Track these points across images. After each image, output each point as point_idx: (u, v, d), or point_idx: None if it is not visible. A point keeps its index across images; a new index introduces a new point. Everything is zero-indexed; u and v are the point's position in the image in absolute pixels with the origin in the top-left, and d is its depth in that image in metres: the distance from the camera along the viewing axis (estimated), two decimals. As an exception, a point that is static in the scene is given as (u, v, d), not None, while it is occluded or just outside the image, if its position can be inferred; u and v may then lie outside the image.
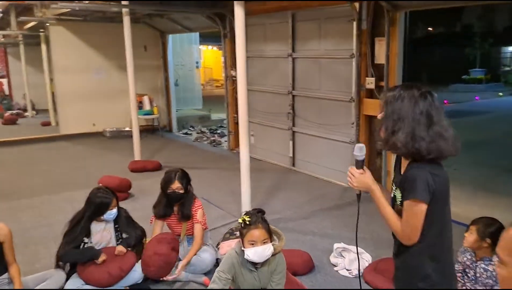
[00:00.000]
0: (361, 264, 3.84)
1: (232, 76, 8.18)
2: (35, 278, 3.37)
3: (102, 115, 9.96)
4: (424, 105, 1.87)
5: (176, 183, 3.73)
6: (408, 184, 1.87)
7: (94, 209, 3.47)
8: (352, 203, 5.51)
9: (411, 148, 1.85)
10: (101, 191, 3.57)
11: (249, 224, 2.80)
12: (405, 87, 1.93)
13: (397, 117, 1.88)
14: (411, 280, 1.96)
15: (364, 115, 5.79)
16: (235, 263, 2.90)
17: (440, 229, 1.93)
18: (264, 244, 2.80)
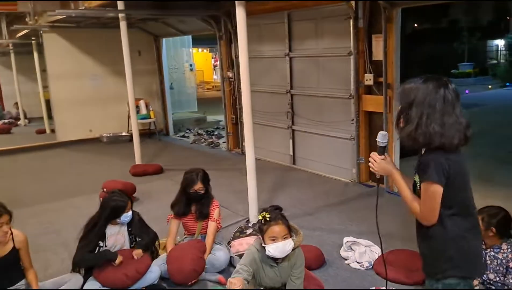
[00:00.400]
0: (371, 257, 3.93)
1: (228, 77, 8.24)
2: (53, 283, 3.40)
3: (99, 120, 9.96)
4: (440, 97, 1.93)
5: (199, 184, 3.79)
6: (423, 167, 1.96)
7: (110, 213, 3.51)
8: (354, 198, 5.60)
9: (425, 140, 1.93)
10: (116, 194, 3.61)
11: (269, 221, 2.86)
12: (423, 78, 1.99)
13: (414, 108, 1.96)
14: (436, 262, 2.04)
15: (364, 111, 5.88)
16: (256, 259, 2.95)
17: (460, 212, 2.01)
18: (285, 239, 2.86)
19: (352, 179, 6.13)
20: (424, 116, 1.93)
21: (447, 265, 2.01)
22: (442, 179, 1.92)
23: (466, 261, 2.01)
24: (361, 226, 4.75)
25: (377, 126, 5.82)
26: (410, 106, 1.97)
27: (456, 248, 2.00)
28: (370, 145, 5.98)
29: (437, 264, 2.04)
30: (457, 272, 2.01)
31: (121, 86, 9.91)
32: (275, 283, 3.04)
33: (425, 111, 1.93)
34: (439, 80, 1.97)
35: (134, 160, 7.54)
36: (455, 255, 2.00)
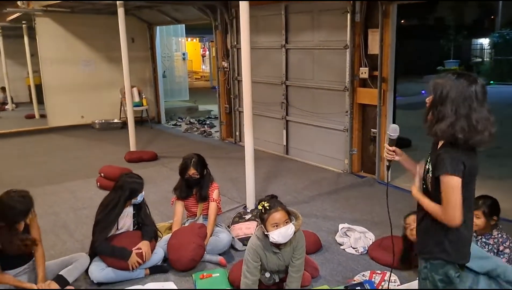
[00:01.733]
0: (365, 242, 4.09)
1: (223, 67, 8.31)
2: (60, 262, 3.47)
3: (91, 107, 9.94)
4: (472, 93, 1.99)
5: (192, 169, 3.94)
6: (440, 160, 2.03)
7: (129, 193, 3.61)
8: (347, 187, 5.77)
9: (451, 137, 2.00)
10: (132, 175, 3.74)
11: (269, 209, 2.97)
12: (455, 75, 2.04)
13: (448, 104, 2.00)
14: (427, 243, 2.19)
15: (358, 103, 6.04)
16: (258, 250, 3.08)
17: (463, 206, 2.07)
18: (286, 224, 2.98)
19: (345, 170, 6.31)
20: (461, 113, 1.98)
21: (437, 248, 2.15)
22: (460, 171, 1.99)
23: (455, 248, 2.13)
24: (354, 214, 4.93)
25: (370, 119, 5.99)
26: (443, 102, 2.01)
27: (448, 236, 2.12)
28: (363, 137, 6.15)
29: (427, 245, 2.18)
30: (445, 256, 2.14)
31: (114, 73, 9.95)
32: (280, 267, 3.18)
33: (462, 109, 1.98)
34: (470, 76, 2.03)
35: (127, 147, 7.59)
36: (445, 241, 2.13)
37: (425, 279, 2.23)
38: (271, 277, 3.24)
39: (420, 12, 23.86)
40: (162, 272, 3.69)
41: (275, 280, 3.27)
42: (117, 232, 3.68)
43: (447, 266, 2.16)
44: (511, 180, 5.81)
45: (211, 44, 20.68)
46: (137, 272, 3.60)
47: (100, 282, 3.50)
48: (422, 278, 2.25)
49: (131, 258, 3.51)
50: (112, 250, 3.51)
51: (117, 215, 3.58)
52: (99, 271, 3.48)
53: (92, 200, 5.32)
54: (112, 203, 3.57)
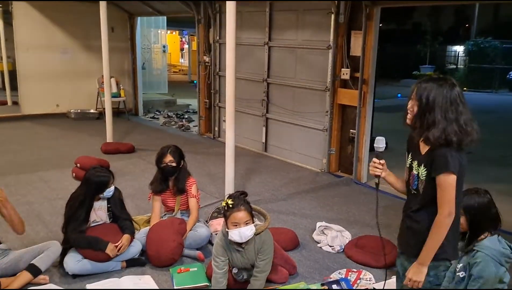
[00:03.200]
0: (342, 241, 4.15)
1: (204, 62, 8.26)
2: (31, 250, 3.39)
3: (66, 96, 9.74)
4: (456, 96, 2.06)
5: (169, 156, 3.91)
6: (439, 159, 2.07)
7: (94, 188, 3.53)
8: (324, 187, 5.83)
9: (444, 141, 2.05)
10: (99, 170, 3.63)
11: (232, 207, 2.97)
12: (436, 81, 2.10)
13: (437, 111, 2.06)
14: (421, 244, 2.18)
15: (338, 104, 6.11)
16: (224, 246, 3.11)
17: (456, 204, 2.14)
18: (246, 225, 2.98)
19: (322, 169, 6.37)
20: (451, 118, 2.05)
21: (439, 249, 2.16)
22: (457, 169, 2.06)
23: (452, 246, 2.20)
24: (331, 212, 4.99)
25: (349, 119, 6.07)
26: (432, 109, 2.06)
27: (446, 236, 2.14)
28: (341, 137, 6.22)
29: (421, 246, 2.19)
30: (445, 256, 2.19)
31: (91, 62, 9.77)
32: (244, 265, 3.19)
33: (451, 113, 2.05)
34: (448, 80, 2.10)
35: (103, 138, 7.48)
36: (444, 241, 2.15)
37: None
38: (240, 273, 3.24)
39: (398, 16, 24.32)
40: (139, 265, 3.66)
41: (244, 276, 3.26)
42: (93, 225, 3.62)
43: (439, 267, 2.21)
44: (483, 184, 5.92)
45: (191, 38, 20.52)
46: (114, 264, 3.56)
47: (75, 274, 3.44)
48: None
49: (108, 247, 3.45)
50: (88, 241, 3.45)
51: (86, 211, 3.52)
52: (74, 263, 3.42)
53: (67, 190, 5.15)
54: (79, 198, 3.51)
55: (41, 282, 3.31)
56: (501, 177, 6.44)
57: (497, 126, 10.71)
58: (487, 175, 6.44)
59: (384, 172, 2.34)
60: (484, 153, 7.54)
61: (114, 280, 3.41)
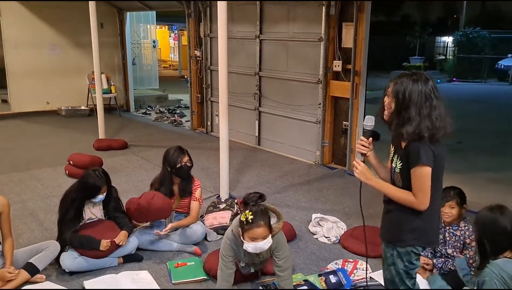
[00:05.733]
0: (337, 232, 4.19)
1: (196, 56, 8.23)
2: (29, 250, 3.38)
3: (57, 93, 9.65)
4: (429, 92, 2.14)
5: (186, 156, 3.86)
6: (413, 153, 2.17)
7: (86, 189, 3.50)
8: (318, 179, 5.86)
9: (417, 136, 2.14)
10: (96, 173, 3.56)
11: (252, 223, 2.77)
12: (410, 78, 2.17)
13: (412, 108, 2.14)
14: (400, 233, 2.30)
15: (330, 96, 6.12)
16: (232, 245, 2.99)
17: (433, 194, 2.22)
18: (264, 239, 2.83)
19: (316, 161, 6.40)
20: (424, 113, 2.13)
21: (411, 235, 2.28)
22: (431, 162, 2.15)
23: (425, 234, 2.28)
24: (326, 204, 5.02)
25: (342, 111, 6.09)
26: (407, 107, 2.15)
27: (419, 223, 2.26)
28: (334, 129, 6.25)
29: (400, 234, 2.30)
30: (416, 242, 2.29)
31: (81, 58, 9.69)
32: (254, 261, 3.15)
33: (424, 109, 2.13)
34: (422, 76, 2.17)
35: (95, 135, 7.44)
36: (418, 229, 2.26)
37: (390, 265, 2.37)
38: (246, 266, 3.26)
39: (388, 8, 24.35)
40: (136, 261, 3.66)
41: (251, 270, 3.28)
42: (88, 221, 3.61)
43: (411, 254, 2.30)
44: (473, 174, 6.05)
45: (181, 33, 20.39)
46: (110, 260, 3.56)
47: (72, 271, 3.43)
48: (388, 264, 2.38)
49: (102, 244, 3.43)
50: (80, 242, 3.43)
51: (77, 211, 3.50)
52: (71, 260, 3.41)
53: (60, 188, 5.17)
54: (71, 197, 3.50)
55: (38, 281, 3.29)
56: (491, 166, 6.51)
57: (487, 115, 10.82)
58: (477, 164, 6.52)
59: (370, 152, 2.39)
60: (473, 142, 7.63)
61: (112, 276, 3.41)
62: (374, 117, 2.36)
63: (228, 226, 4.10)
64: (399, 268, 2.33)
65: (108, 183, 3.62)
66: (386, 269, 2.42)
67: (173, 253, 3.82)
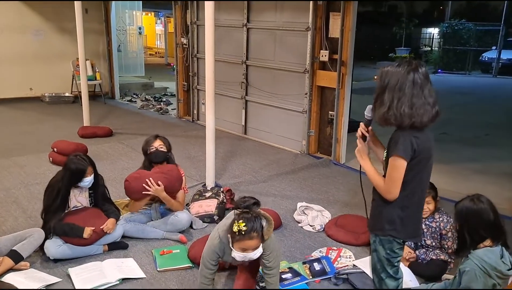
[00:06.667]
0: (322, 220, 4.23)
1: (182, 44, 8.16)
2: (13, 237, 3.34)
3: (40, 79, 9.48)
4: (409, 80, 2.15)
5: (158, 141, 3.85)
6: (393, 143, 2.21)
7: (71, 175, 3.46)
8: (304, 168, 5.89)
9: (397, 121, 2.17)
10: (77, 157, 3.52)
11: (244, 235, 2.57)
12: (397, 63, 2.20)
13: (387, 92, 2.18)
14: (380, 222, 2.34)
15: (317, 86, 6.14)
16: (217, 251, 2.77)
17: (415, 186, 2.27)
18: (255, 250, 2.65)
19: (302, 151, 6.43)
20: (395, 99, 2.15)
21: (388, 226, 2.31)
22: (408, 155, 2.16)
23: (404, 227, 2.31)
24: (311, 193, 5.06)
25: (328, 101, 6.12)
26: (384, 91, 2.19)
27: (400, 215, 2.29)
28: (320, 119, 6.28)
29: (380, 223, 2.34)
30: (395, 233, 2.32)
31: (65, 44, 9.54)
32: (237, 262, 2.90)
33: (396, 95, 2.15)
34: (410, 65, 2.17)
35: (80, 122, 7.36)
36: (397, 220, 2.29)
37: (373, 251, 2.43)
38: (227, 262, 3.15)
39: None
40: (121, 248, 3.65)
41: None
42: (73, 209, 3.59)
43: (393, 243, 2.35)
44: (456, 164, 6.15)
45: (167, 20, 20.16)
46: (95, 248, 3.55)
47: (57, 259, 3.42)
48: (372, 250, 2.45)
49: (85, 231, 3.42)
50: (63, 230, 3.41)
51: (62, 199, 3.47)
52: (55, 248, 3.39)
53: (44, 175, 5.14)
54: (56, 186, 3.47)
55: (22, 268, 3.27)
56: (475, 157, 6.62)
57: (471, 107, 10.97)
58: (462, 155, 6.62)
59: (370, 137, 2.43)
60: (459, 133, 7.74)
61: (96, 264, 3.40)
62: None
63: (213, 215, 4.16)
64: (380, 255, 2.39)
65: (93, 165, 3.58)
66: (371, 255, 2.48)
67: (158, 241, 3.82)
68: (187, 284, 3.23)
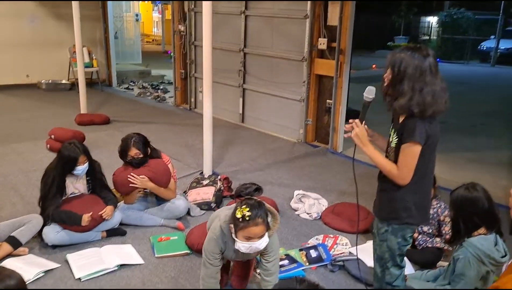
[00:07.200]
0: (319, 208, 4.26)
1: (179, 31, 8.11)
2: (11, 223, 3.36)
3: (36, 66, 9.44)
4: (427, 68, 2.12)
5: (133, 149, 3.75)
6: (408, 129, 2.17)
7: (64, 163, 3.46)
8: (301, 156, 5.91)
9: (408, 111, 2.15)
10: (71, 145, 3.51)
11: (249, 220, 2.43)
12: (409, 50, 2.15)
13: (406, 81, 2.13)
14: (394, 211, 2.31)
15: (315, 74, 6.13)
16: (219, 241, 2.62)
17: (425, 171, 2.27)
18: (261, 238, 2.50)
19: (299, 139, 6.44)
20: (417, 88, 2.12)
21: (405, 213, 2.29)
22: (423, 140, 2.16)
23: (418, 212, 2.31)
24: (308, 181, 5.08)
25: (326, 90, 6.12)
26: (402, 80, 2.14)
27: (413, 200, 2.28)
28: (318, 108, 6.28)
29: (395, 212, 2.31)
30: (411, 220, 2.31)
31: (62, 31, 9.47)
32: (238, 258, 2.82)
33: (417, 84, 2.12)
34: (423, 50, 2.14)
35: (77, 109, 7.35)
36: (412, 207, 2.29)
37: (383, 241, 2.38)
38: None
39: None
40: (120, 234, 3.68)
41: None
42: (70, 196, 3.61)
43: (406, 230, 2.34)
44: (453, 153, 6.17)
45: (165, 7, 20.00)
46: (94, 234, 3.57)
47: (55, 245, 3.44)
48: (380, 240, 2.40)
49: (83, 219, 3.43)
50: (61, 218, 3.42)
51: (58, 187, 3.48)
52: (54, 234, 3.41)
53: (42, 162, 5.10)
54: (51, 174, 3.47)
55: (21, 254, 3.29)
56: (471, 146, 6.65)
57: (469, 96, 10.98)
58: (459, 144, 6.65)
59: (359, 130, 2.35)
60: (456, 122, 7.76)
61: (95, 250, 3.42)
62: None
63: (211, 202, 4.18)
64: (392, 244, 2.35)
65: (87, 154, 3.57)
66: (378, 244, 2.43)
67: (156, 228, 3.84)
68: (184, 270, 3.26)
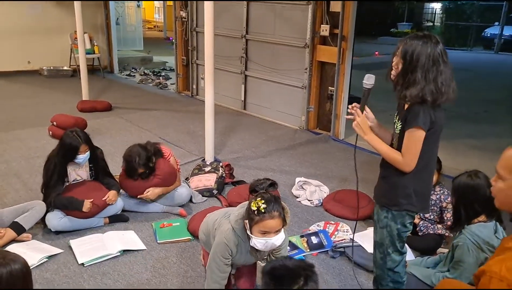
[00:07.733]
0: (320, 195, 4.28)
1: (181, 17, 8.06)
2: (15, 210, 3.39)
3: (38, 52, 9.40)
4: (437, 56, 2.11)
5: (140, 169, 3.73)
6: (412, 115, 2.16)
7: (64, 152, 3.47)
8: (303, 143, 5.92)
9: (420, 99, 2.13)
10: (73, 133, 3.51)
11: (264, 213, 2.31)
12: (421, 39, 2.12)
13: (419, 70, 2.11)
14: (395, 197, 2.31)
15: (317, 61, 6.10)
16: (231, 245, 2.48)
17: (428, 159, 2.27)
18: (277, 233, 2.37)
19: (301, 126, 6.44)
20: (430, 77, 2.10)
21: (405, 200, 2.30)
22: (427, 126, 2.14)
23: (418, 200, 2.31)
24: (310, 169, 5.09)
25: (328, 77, 6.09)
26: (414, 68, 2.12)
27: (414, 188, 2.28)
28: (320, 95, 6.27)
29: (395, 198, 2.31)
30: (411, 207, 2.31)
31: (63, 17, 9.42)
32: (247, 263, 2.68)
33: (430, 73, 2.11)
34: (433, 38, 2.13)
35: (79, 96, 7.34)
36: (412, 193, 2.29)
37: (383, 228, 2.39)
38: None
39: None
40: (122, 221, 3.70)
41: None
42: (73, 182, 3.63)
43: (406, 217, 2.34)
44: (455, 140, 6.17)
45: (166, -7, 19.82)
46: (96, 221, 3.60)
47: (58, 231, 3.47)
48: (381, 227, 2.41)
49: (85, 205, 3.45)
50: (63, 204, 3.45)
51: (60, 174, 3.49)
52: (57, 220, 3.44)
53: (44, 149, 5.14)
54: (53, 161, 3.47)
55: (25, 239, 3.32)
56: (474, 133, 6.64)
57: (472, 83, 10.93)
58: (461, 131, 6.64)
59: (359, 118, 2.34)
60: (458, 110, 7.73)
61: (97, 236, 3.45)
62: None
63: (212, 189, 4.20)
64: (392, 230, 2.36)
65: (88, 143, 3.57)
66: (378, 231, 2.44)
67: (158, 214, 3.87)
68: (186, 256, 3.29)
